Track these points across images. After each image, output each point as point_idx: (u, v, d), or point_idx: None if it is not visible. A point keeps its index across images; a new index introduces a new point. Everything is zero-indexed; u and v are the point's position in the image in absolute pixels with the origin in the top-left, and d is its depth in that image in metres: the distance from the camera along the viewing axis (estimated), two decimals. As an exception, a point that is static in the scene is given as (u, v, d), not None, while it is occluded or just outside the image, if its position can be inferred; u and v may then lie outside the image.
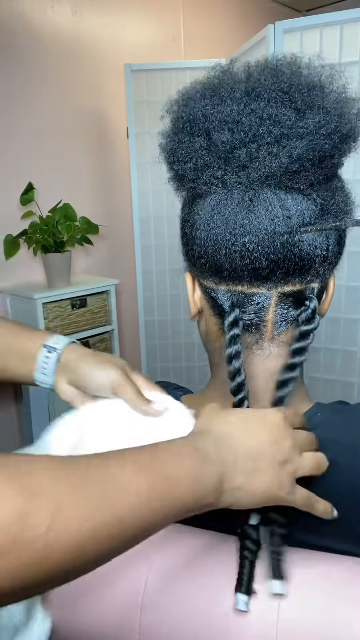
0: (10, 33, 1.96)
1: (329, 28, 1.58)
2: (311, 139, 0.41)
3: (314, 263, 0.44)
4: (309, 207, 0.43)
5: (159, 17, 2.49)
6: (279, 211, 0.43)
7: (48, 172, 2.15)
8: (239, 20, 2.92)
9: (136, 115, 2.11)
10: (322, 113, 0.42)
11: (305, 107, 0.42)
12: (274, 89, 0.43)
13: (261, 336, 0.47)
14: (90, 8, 2.20)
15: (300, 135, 0.41)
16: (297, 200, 0.43)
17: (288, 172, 0.42)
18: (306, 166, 0.42)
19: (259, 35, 1.74)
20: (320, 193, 0.44)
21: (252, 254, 0.43)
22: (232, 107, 0.43)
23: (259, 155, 0.42)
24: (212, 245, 0.45)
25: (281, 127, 0.42)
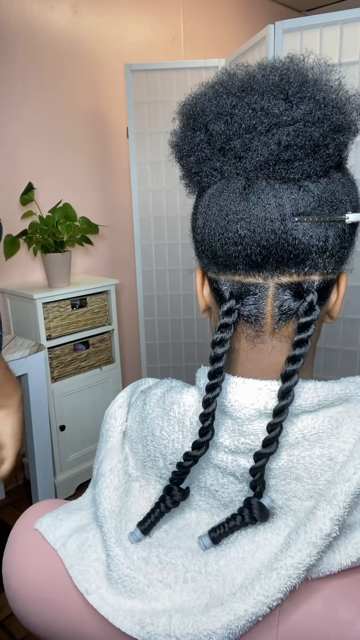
0: (10, 33, 1.96)
1: (329, 28, 1.58)
2: (299, 126, 0.42)
3: (310, 253, 0.44)
4: (303, 197, 0.44)
5: (159, 17, 2.49)
6: (272, 199, 0.44)
7: (48, 172, 2.15)
8: (239, 20, 2.92)
9: (136, 115, 2.11)
10: (311, 103, 0.43)
11: (296, 98, 0.43)
12: (267, 82, 0.45)
13: (261, 329, 0.47)
14: (90, 8, 2.20)
15: (289, 123, 0.43)
16: (291, 189, 0.44)
17: (281, 162, 0.43)
18: (298, 155, 0.43)
19: (259, 35, 1.74)
20: (319, 185, 0.44)
21: (243, 239, 0.45)
22: (227, 100, 0.45)
23: (252, 145, 0.44)
24: (208, 232, 0.47)
25: (272, 117, 0.43)
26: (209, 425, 0.45)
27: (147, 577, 0.45)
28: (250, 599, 0.40)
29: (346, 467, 0.42)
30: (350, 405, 0.45)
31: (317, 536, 0.39)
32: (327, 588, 0.41)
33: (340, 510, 0.40)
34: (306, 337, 0.44)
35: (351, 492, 0.40)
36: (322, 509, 0.41)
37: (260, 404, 0.44)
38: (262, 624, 0.41)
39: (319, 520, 0.40)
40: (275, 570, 0.40)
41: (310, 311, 0.44)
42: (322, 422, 0.44)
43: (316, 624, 0.40)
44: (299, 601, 0.41)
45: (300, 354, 0.44)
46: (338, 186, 0.45)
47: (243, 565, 0.43)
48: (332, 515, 0.40)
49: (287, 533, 0.43)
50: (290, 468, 0.44)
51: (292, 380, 0.44)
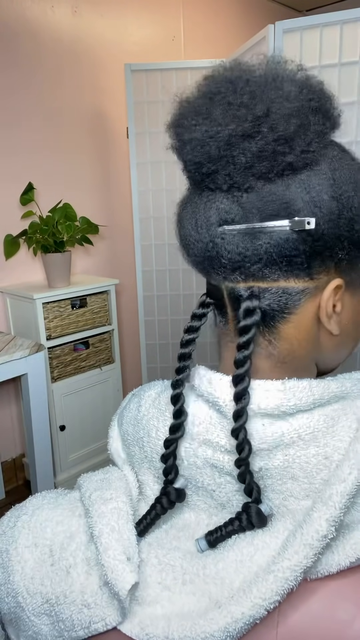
0: (10, 33, 1.96)
1: (329, 28, 1.59)
2: (195, 144, 0.44)
3: (239, 262, 0.45)
4: (231, 206, 0.44)
5: (159, 17, 2.49)
6: (202, 209, 0.45)
7: (48, 172, 2.15)
8: (239, 20, 2.92)
9: (136, 115, 2.11)
10: (205, 118, 0.44)
11: (200, 114, 0.44)
12: (195, 97, 0.46)
13: (230, 328, 0.49)
14: (90, 8, 2.20)
15: (188, 141, 0.44)
16: (221, 199, 0.45)
17: (205, 174, 0.45)
18: (213, 169, 0.44)
19: (259, 35, 1.74)
20: (252, 193, 0.43)
21: (182, 247, 0.48)
22: (175, 114, 0.47)
23: (185, 159, 0.46)
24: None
25: (185, 134, 0.45)
26: (180, 407, 0.47)
27: (145, 579, 0.45)
28: (248, 601, 0.40)
29: (342, 467, 0.41)
30: (346, 403, 0.45)
31: (314, 538, 0.39)
32: (326, 588, 0.41)
33: (336, 511, 0.40)
34: (245, 340, 0.45)
35: (347, 493, 0.40)
36: (318, 510, 0.40)
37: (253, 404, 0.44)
38: (261, 626, 0.41)
39: (315, 522, 0.40)
40: (273, 573, 0.40)
41: (248, 316, 0.45)
42: (317, 420, 0.44)
43: (315, 624, 0.40)
44: (298, 602, 0.41)
45: (241, 357, 0.44)
46: (281, 190, 0.43)
47: (241, 569, 0.43)
48: (328, 516, 0.40)
49: (285, 536, 0.42)
50: (286, 468, 0.44)
51: (242, 383, 0.44)
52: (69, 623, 0.45)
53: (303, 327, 0.47)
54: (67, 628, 0.45)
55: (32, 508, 0.53)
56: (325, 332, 0.48)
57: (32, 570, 0.48)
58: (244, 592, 0.41)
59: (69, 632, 0.45)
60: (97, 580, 0.45)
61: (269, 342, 0.47)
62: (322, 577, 0.41)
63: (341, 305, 0.47)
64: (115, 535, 0.45)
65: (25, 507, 0.53)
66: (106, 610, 0.44)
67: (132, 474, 0.53)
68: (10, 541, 0.49)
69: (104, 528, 0.46)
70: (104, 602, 0.44)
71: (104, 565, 0.44)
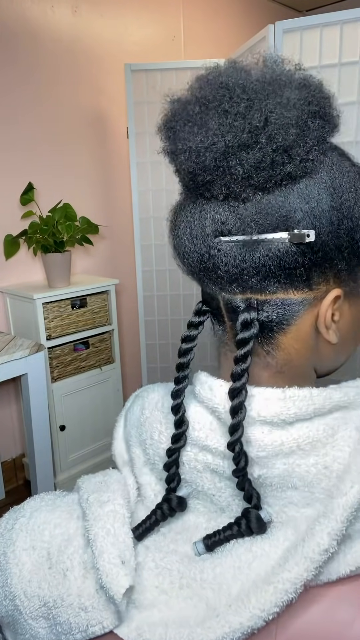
0: (10, 33, 1.96)
1: (329, 28, 1.58)
2: (188, 154, 0.42)
3: (236, 274, 0.43)
4: (227, 217, 0.42)
5: (159, 17, 2.49)
6: (197, 219, 0.44)
7: (48, 172, 2.15)
8: (239, 20, 2.92)
9: (136, 115, 2.11)
10: (200, 127, 0.42)
11: (195, 123, 0.42)
12: (186, 102, 0.44)
13: (227, 336, 0.48)
14: (90, 8, 2.20)
15: (183, 150, 0.43)
16: (217, 209, 0.43)
17: (200, 183, 0.43)
18: (209, 179, 0.42)
19: (259, 35, 1.74)
20: (250, 203, 0.42)
21: (177, 256, 0.47)
22: (165, 122, 0.45)
23: (178, 167, 0.45)
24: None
25: (179, 142, 0.43)
26: (181, 417, 0.46)
27: (142, 582, 0.45)
28: (246, 612, 0.39)
29: (344, 480, 0.41)
30: (347, 412, 0.44)
31: (315, 551, 0.39)
32: (325, 596, 0.41)
33: (338, 524, 0.39)
34: (243, 354, 0.43)
35: (349, 506, 0.39)
36: (320, 523, 0.40)
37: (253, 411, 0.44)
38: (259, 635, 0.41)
39: (317, 535, 0.40)
40: (272, 584, 0.39)
41: (246, 328, 0.43)
42: (317, 430, 0.43)
43: (314, 628, 0.40)
44: (297, 609, 0.41)
45: (239, 371, 0.43)
46: (280, 200, 0.42)
47: (239, 575, 0.43)
48: (330, 530, 0.39)
49: (286, 546, 0.42)
50: (285, 477, 0.43)
51: (239, 397, 0.43)
52: (66, 626, 0.45)
53: (301, 337, 0.46)
54: (65, 631, 0.45)
55: (30, 510, 0.52)
56: (323, 340, 0.47)
57: (29, 573, 0.48)
58: (242, 601, 0.40)
59: (66, 635, 0.45)
60: (93, 583, 0.45)
61: (267, 352, 0.46)
62: (321, 585, 0.41)
63: (339, 314, 0.46)
64: (111, 538, 0.45)
65: (23, 510, 0.52)
66: (103, 614, 0.44)
67: (131, 477, 0.53)
68: (8, 544, 0.49)
69: (100, 531, 0.45)
70: (101, 606, 0.44)
71: (99, 569, 0.43)
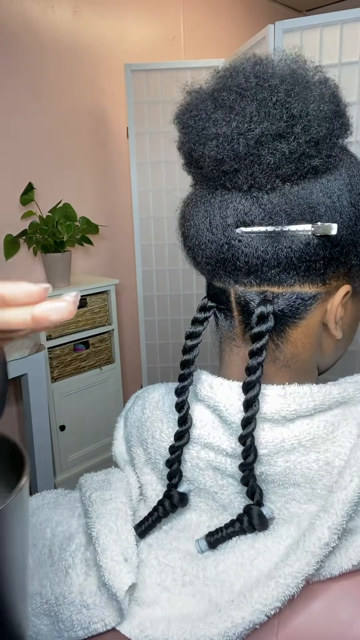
0: (10, 33, 1.96)
1: (329, 28, 1.58)
2: (221, 140, 0.41)
3: (257, 266, 0.43)
4: (250, 208, 0.42)
5: (159, 17, 2.49)
6: (217, 210, 0.43)
7: (48, 172, 2.15)
8: (239, 20, 2.92)
9: (136, 115, 2.11)
10: (237, 114, 0.41)
11: (230, 109, 0.42)
12: (218, 87, 0.43)
13: (235, 332, 0.48)
14: (90, 8, 2.20)
15: (214, 137, 0.42)
16: (239, 200, 0.43)
17: (225, 173, 0.42)
18: (236, 167, 0.41)
19: (259, 35, 1.74)
20: (274, 195, 0.42)
21: (192, 249, 0.46)
22: (188, 109, 0.45)
23: (201, 155, 0.43)
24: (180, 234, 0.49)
25: (208, 129, 0.42)
26: (185, 414, 0.46)
27: (145, 580, 0.45)
28: (248, 606, 0.40)
29: (343, 474, 0.41)
30: (347, 408, 0.45)
31: (316, 545, 0.39)
32: (327, 591, 0.41)
33: (338, 519, 0.39)
34: (258, 348, 0.43)
35: (349, 501, 0.40)
36: (320, 517, 0.40)
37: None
38: (261, 630, 0.41)
39: (317, 530, 0.40)
40: (274, 579, 0.40)
41: (262, 322, 0.43)
42: (317, 426, 0.43)
43: (316, 625, 0.40)
44: (299, 604, 0.41)
45: (255, 364, 0.43)
46: (305, 193, 0.42)
47: (242, 572, 0.43)
48: (330, 524, 0.39)
49: (288, 543, 0.42)
50: (287, 474, 0.43)
51: (253, 390, 0.43)
52: (68, 623, 0.45)
53: (310, 332, 0.46)
54: (67, 628, 0.45)
55: (32, 508, 0.53)
56: (327, 336, 0.47)
57: (31, 570, 0.48)
58: (244, 596, 0.41)
59: (68, 632, 0.45)
60: (95, 581, 0.45)
61: (277, 346, 0.46)
62: (324, 580, 0.41)
63: (343, 310, 0.47)
64: (114, 536, 0.45)
65: None
66: (105, 611, 0.44)
67: (133, 475, 0.53)
68: None
69: (102, 529, 0.45)
70: (102, 603, 0.44)
71: (102, 566, 0.43)
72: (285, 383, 0.45)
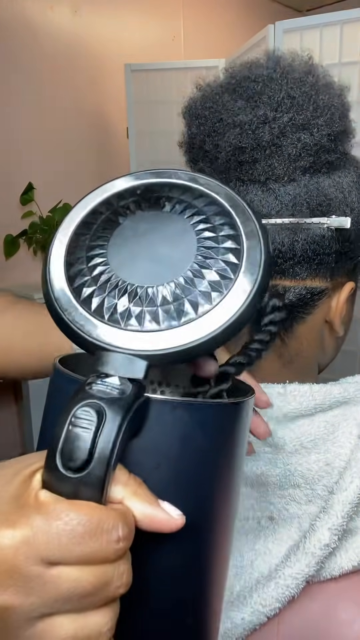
0: (10, 33, 1.96)
1: (329, 28, 1.58)
2: (246, 127, 0.41)
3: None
4: (267, 199, 0.42)
5: (159, 17, 2.49)
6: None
7: (48, 172, 2.15)
8: (239, 20, 2.92)
9: (136, 115, 2.10)
10: (263, 103, 0.41)
11: (255, 98, 0.41)
12: (235, 81, 0.43)
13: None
14: (90, 8, 2.20)
15: (238, 125, 0.41)
16: (255, 191, 0.42)
17: (243, 163, 0.42)
18: (256, 157, 0.41)
19: (259, 35, 1.74)
20: (291, 187, 0.42)
21: None
22: (201, 102, 0.44)
23: (219, 147, 0.43)
24: None
25: (227, 118, 0.42)
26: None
27: None
28: (248, 607, 0.39)
29: (344, 475, 0.41)
30: (347, 408, 0.45)
31: (316, 546, 0.39)
32: (327, 591, 0.41)
33: (338, 520, 0.39)
34: (262, 339, 0.41)
35: (349, 502, 0.40)
36: (320, 518, 0.40)
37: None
38: (261, 631, 0.41)
39: (317, 531, 0.40)
40: (274, 580, 0.39)
41: (270, 313, 0.42)
42: (317, 427, 0.43)
43: (316, 626, 0.40)
44: (299, 605, 0.41)
45: (258, 346, 0.40)
46: (320, 187, 0.42)
47: (242, 574, 0.43)
48: (331, 525, 0.39)
49: (289, 544, 0.42)
50: (287, 476, 0.43)
51: (223, 384, 0.38)
52: None
53: (314, 328, 0.46)
54: None
55: None
56: (328, 333, 0.48)
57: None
58: (244, 597, 0.41)
59: None
60: None
61: (282, 341, 0.46)
62: (324, 580, 0.41)
63: (347, 306, 0.47)
64: None
65: None
66: None
67: None
68: None
69: None
70: None
71: None
72: (287, 381, 0.45)
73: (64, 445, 0.23)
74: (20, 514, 0.22)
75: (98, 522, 0.22)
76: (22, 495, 0.23)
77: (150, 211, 0.31)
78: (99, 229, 0.31)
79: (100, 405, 0.24)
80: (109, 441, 0.23)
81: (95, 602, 0.22)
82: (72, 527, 0.21)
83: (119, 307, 0.27)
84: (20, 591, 0.21)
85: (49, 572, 0.21)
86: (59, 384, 0.32)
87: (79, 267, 0.29)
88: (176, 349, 0.26)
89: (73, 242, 0.30)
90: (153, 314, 0.27)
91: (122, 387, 0.25)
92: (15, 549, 0.21)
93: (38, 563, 0.21)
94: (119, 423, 0.24)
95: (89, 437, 0.23)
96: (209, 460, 0.28)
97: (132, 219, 0.31)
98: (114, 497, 0.24)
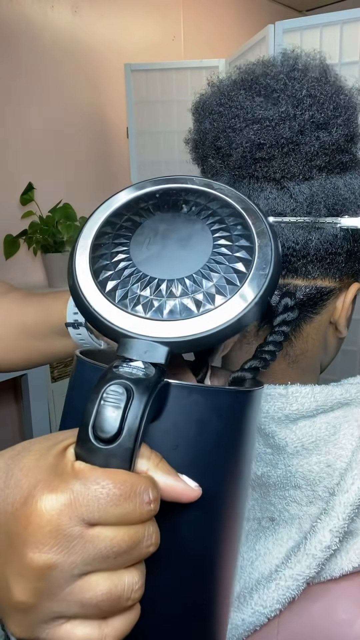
0: (10, 33, 1.96)
1: (329, 28, 1.58)
2: (267, 123, 0.40)
3: (284, 256, 0.42)
4: (282, 197, 0.42)
5: (159, 17, 2.49)
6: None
7: (48, 172, 2.15)
8: (239, 20, 2.92)
9: (136, 115, 2.10)
10: (288, 99, 0.41)
11: (275, 94, 0.41)
12: (251, 78, 0.43)
13: (248, 328, 0.47)
14: (90, 8, 2.20)
15: (257, 121, 0.41)
16: (270, 189, 0.42)
17: (259, 160, 0.42)
18: (274, 154, 0.41)
19: (259, 35, 1.74)
20: (306, 185, 0.42)
21: None
22: (215, 98, 0.44)
23: (233, 143, 0.43)
24: None
25: (248, 114, 0.41)
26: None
27: None
28: (248, 608, 0.39)
29: (345, 477, 0.41)
30: (349, 410, 0.44)
31: (317, 548, 0.39)
32: (328, 592, 0.41)
33: (339, 522, 0.39)
34: (273, 341, 0.42)
35: (350, 504, 0.40)
36: (321, 520, 0.40)
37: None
38: (261, 632, 0.41)
39: (318, 532, 0.40)
40: (274, 581, 0.39)
41: (288, 311, 0.42)
42: (319, 428, 0.43)
43: (316, 627, 0.40)
44: (299, 606, 0.41)
45: (273, 347, 0.41)
46: (334, 187, 0.42)
47: (242, 574, 0.43)
48: (332, 527, 0.39)
49: (290, 545, 0.42)
50: (288, 477, 0.43)
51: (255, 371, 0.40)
52: None
53: (320, 328, 0.46)
54: None
55: None
56: (332, 333, 0.48)
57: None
58: (244, 598, 0.40)
59: None
60: None
61: (289, 341, 0.46)
62: (324, 581, 0.41)
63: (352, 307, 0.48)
64: None
65: None
66: None
67: None
68: None
69: None
70: None
71: None
72: (289, 382, 0.45)
73: (96, 419, 0.25)
74: (61, 479, 0.24)
75: (131, 485, 0.24)
76: (59, 465, 0.25)
77: (169, 213, 0.34)
78: (121, 228, 0.33)
79: (128, 384, 0.26)
80: (137, 416, 0.25)
81: (128, 560, 0.24)
82: (109, 490, 0.24)
83: (141, 299, 0.30)
84: (63, 550, 0.23)
85: (89, 532, 0.23)
86: (81, 372, 0.35)
87: (103, 262, 0.32)
88: (196, 336, 0.29)
89: (97, 239, 0.33)
90: (173, 305, 0.30)
91: (146, 370, 0.28)
92: (58, 511, 0.23)
93: (79, 524, 0.23)
94: (146, 400, 0.26)
95: (119, 412, 0.25)
96: (224, 442, 0.31)
97: (153, 220, 0.33)
98: (139, 468, 0.26)
